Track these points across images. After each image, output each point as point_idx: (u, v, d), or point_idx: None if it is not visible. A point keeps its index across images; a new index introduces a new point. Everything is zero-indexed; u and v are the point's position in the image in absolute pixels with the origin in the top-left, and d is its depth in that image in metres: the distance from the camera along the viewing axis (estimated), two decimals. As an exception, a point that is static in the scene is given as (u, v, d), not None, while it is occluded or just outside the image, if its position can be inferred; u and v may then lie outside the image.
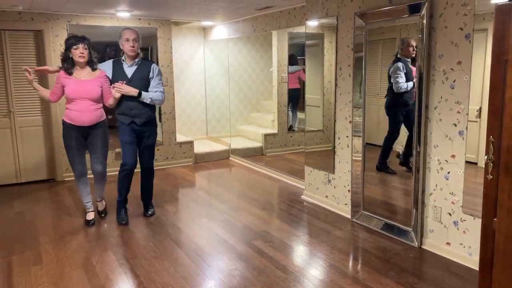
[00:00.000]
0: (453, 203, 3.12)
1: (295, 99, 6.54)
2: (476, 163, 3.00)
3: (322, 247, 3.39)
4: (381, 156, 3.70)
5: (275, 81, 6.71)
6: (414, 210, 3.36)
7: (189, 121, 7.24)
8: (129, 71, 3.80)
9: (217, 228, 3.82)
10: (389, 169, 3.67)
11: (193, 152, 6.41)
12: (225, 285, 2.83)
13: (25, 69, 3.69)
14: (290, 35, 6.43)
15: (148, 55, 6.19)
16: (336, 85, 4.11)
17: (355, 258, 3.22)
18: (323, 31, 4.40)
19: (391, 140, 3.64)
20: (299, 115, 6.59)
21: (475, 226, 2.97)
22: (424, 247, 3.35)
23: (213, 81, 7.26)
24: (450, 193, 3.14)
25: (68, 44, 3.62)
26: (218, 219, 4.03)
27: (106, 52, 5.66)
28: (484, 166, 1.96)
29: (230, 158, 6.74)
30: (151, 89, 3.82)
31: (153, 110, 3.96)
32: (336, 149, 4.18)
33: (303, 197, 4.69)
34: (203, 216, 4.12)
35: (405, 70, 3.40)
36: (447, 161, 3.13)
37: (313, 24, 4.38)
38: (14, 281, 2.90)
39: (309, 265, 3.12)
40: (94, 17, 5.45)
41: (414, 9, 3.18)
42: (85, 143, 3.81)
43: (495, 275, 1.95)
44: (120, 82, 3.69)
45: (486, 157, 1.93)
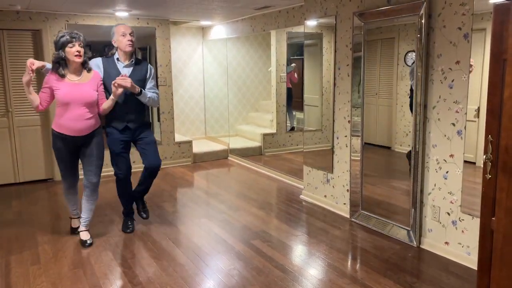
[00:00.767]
0: (451, 202, 3.13)
1: (288, 99, 6.63)
2: (474, 163, 3.00)
3: (321, 247, 3.39)
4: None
5: (274, 81, 6.71)
6: (413, 210, 3.36)
7: (187, 121, 7.24)
8: (125, 71, 3.47)
9: (215, 228, 3.81)
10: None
11: (191, 152, 6.40)
12: (224, 284, 2.83)
13: (31, 62, 3.11)
14: (288, 34, 6.43)
15: (147, 55, 6.19)
16: (334, 84, 4.11)
17: (353, 258, 3.23)
18: (321, 30, 4.40)
19: None
20: (297, 114, 6.61)
21: (473, 225, 2.97)
22: (422, 246, 3.35)
23: (211, 81, 7.26)
24: (448, 192, 3.14)
25: (62, 41, 3.15)
26: (217, 219, 4.03)
27: (105, 51, 5.64)
28: (482, 166, 1.96)
29: (228, 158, 6.74)
30: (147, 90, 3.56)
31: (147, 115, 3.71)
32: (335, 149, 4.18)
33: (301, 196, 4.69)
34: (201, 216, 4.12)
35: None
36: (445, 160, 3.14)
37: (311, 23, 4.39)
38: (12, 281, 2.89)
39: (308, 264, 3.12)
40: (92, 16, 5.44)
41: (412, 8, 3.19)
42: (76, 153, 3.39)
43: (494, 274, 1.95)
44: (122, 75, 3.31)
45: (485, 156, 1.94)
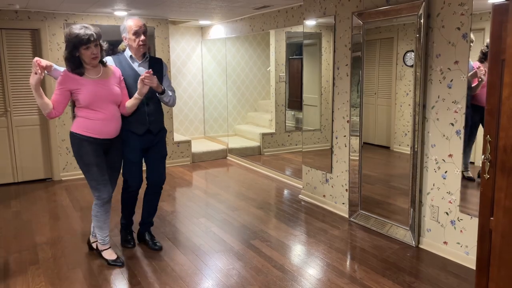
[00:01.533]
0: (450, 202, 3.13)
1: None
2: (473, 163, 3.01)
3: (320, 247, 3.39)
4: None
5: (273, 81, 6.71)
6: (412, 210, 3.36)
7: (186, 120, 7.24)
8: (141, 70, 3.11)
9: (214, 228, 3.81)
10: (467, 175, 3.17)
11: (190, 151, 6.40)
12: (223, 284, 2.83)
13: (37, 60, 2.74)
14: (287, 34, 6.44)
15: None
16: (333, 84, 4.11)
17: (352, 258, 3.23)
18: (320, 30, 4.40)
19: (468, 145, 3.10)
20: (296, 114, 6.62)
21: (472, 225, 2.97)
22: (421, 246, 3.35)
23: (210, 81, 7.25)
24: (447, 192, 3.14)
25: (74, 42, 2.77)
26: (216, 219, 4.03)
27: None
28: (481, 166, 1.97)
29: (227, 158, 6.74)
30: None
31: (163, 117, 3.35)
32: (334, 149, 4.19)
33: (300, 196, 4.69)
34: (200, 216, 4.12)
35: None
36: (444, 160, 3.14)
37: (310, 23, 4.39)
38: (11, 281, 2.89)
39: (307, 264, 3.12)
40: (91, 16, 5.43)
41: (411, 8, 3.19)
42: (105, 159, 3.01)
43: (492, 274, 1.96)
44: (147, 71, 2.94)
45: (483, 156, 1.94)
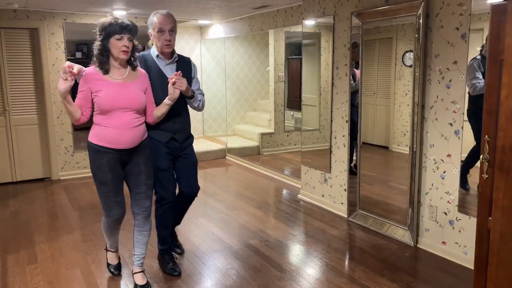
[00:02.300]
0: (448, 202, 3.13)
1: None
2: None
3: (318, 246, 3.39)
4: (462, 169, 3.08)
5: (272, 80, 6.71)
6: (410, 210, 3.37)
7: (185, 120, 7.22)
8: (168, 70, 2.83)
9: (213, 227, 3.81)
10: (466, 186, 3.08)
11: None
12: (221, 284, 2.83)
13: (69, 66, 2.38)
14: (287, 34, 6.44)
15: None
16: (332, 84, 4.11)
17: (351, 257, 3.23)
18: (320, 30, 4.40)
19: (478, 152, 2.84)
20: (295, 114, 6.62)
21: (470, 225, 2.98)
22: (419, 246, 3.36)
23: (209, 80, 7.25)
24: (445, 192, 3.15)
25: (108, 31, 2.45)
26: (215, 218, 4.03)
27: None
28: (479, 166, 1.97)
29: (226, 158, 6.74)
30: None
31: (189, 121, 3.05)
32: (333, 149, 4.19)
33: (299, 196, 4.69)
34: (199, 215, 4.12)
35: (482, 70, 2.91)
36: (443, 160, 3.14)
37: (310, 23, 4.39)
38: (9, 280, 2.89)
39: (305, 264, 3.12)
40: (90, 15, 5.43)
41: (410, 8, 3.19)
42: (123, 173, 2.65)
43: (490, 273, 1.96)
44: (176, 73, 2.67)
45: (482, 156, 1.94)
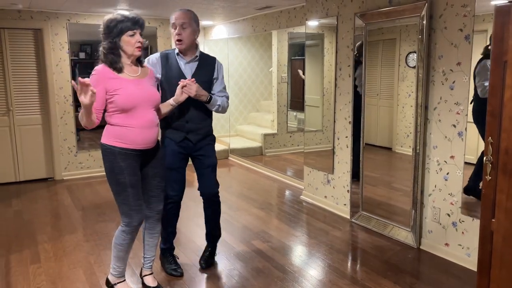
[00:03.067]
0: (452, 204, 3.12)
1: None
2: (475, 164, 3.00)
3: (321, 248, 3.39)
4: (473, 176, 2.94)
5: (275, 81, 6.71)
6: (413, 211, 3.36)
7: (188, 120, 7.23)
8: (187, 69, 2.79)
9: (215, 228, 3.81)
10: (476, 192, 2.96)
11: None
12: (224, 285, 2.83)
13: (83, 82, 2.09)
14: (290, 35, 6.44)
15: (148, 55, 6.19)
16: (335, 85, 4.11)
17: (353, 259, 3.22)
18: (323, 31, 4.40)
19: None
20: (298, 115, 6.62)
21: (473, 227, 2.97)
22: (422, 247, 3.35)
23: (212, 81, 7.25)
24: (449, 194, 3.14)
25: (121, 27, 2.34)
26: (217, 219, 4.03)
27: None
28: (483, 167, 1.96)
29: (229, 158, 6.74)
30: (214, 94, 2.85)
31: (211, 125, 2.95)
32: (336, 150, 4.18)
33: (302, 197, 4.69)
34: (201, 216, 4.10)
35: None
36: (446, 162, 3.13)
37: (313, 24, 4.38)
38: (12, 279, 2.90)
39: (308, 265, 3.12)
40: (93, 15, 5.44)
41: (414, 9, 3.19)
42: (140, 176, 2.52)
43: (493, 275, 1.95)
44: (189, 79, 2.67)
45: (485, 158, 1.93)
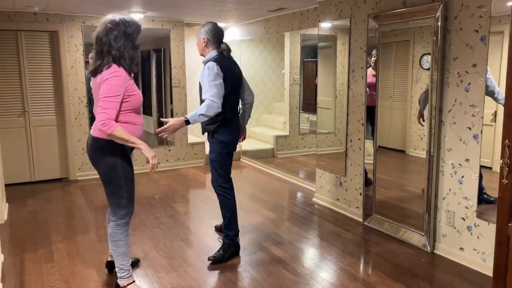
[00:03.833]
0: (466, 207, 3.07)
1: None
2: (491, 168, 2.95)
3: (333, 250, 3.36)
4: None
5: (287, 83, 6.70)
6: (427, 214, 3.31)
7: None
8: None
9: (227, 229, 3.81)
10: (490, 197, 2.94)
11: (204, 153, 6.42)
12: (235, 286, 2.82)
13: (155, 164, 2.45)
14: (302, 37, 6.43)
15: (161, 56, 6.24)
16: (348, 87, 4.08)
17: (366, 262, 3.19)
18: (336, 33, 4.38)
19: None
20: (310, 117, 6.60)
21: (489, 231, 2.91)
22: (436, 252, 3.30)
23: (225, 83, 7.26)
24: (463, 197, 3.09)
25: (138, 30, 2.51)
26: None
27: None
28: (499, 171, 1.93)
29: (241, 160, 6.75)
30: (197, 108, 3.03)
31: (213, 121, 3.14)
32: (348, 152, 4.15)
33: (314, 199, 4.66)
34: (213, 217, 4.12)
35: None
36: (461, 165, 3.09)
37: (326, 26, 4.37)
38: (26, 278, 2.94)
39: (320, 268, 3.10)
40: (108, 18, 5.50)
41: (428, 11, 3.15)
42: None
43: (510, 281, 1.91)
44: (161, 128, 2.87)
45: (502, 161, 1.90)
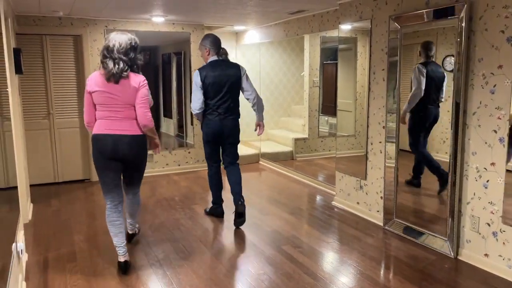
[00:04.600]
0: (492, 213, 2.99)
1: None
2: (510, 171, 2.86)
3: (353, 255, 3.32)
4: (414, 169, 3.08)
5: (306, 86, 6.67)
6: (450, 219, 3.24)
7: (220, 124, 7.28)
8: None
9: (246, 232, 3.81)
10: None
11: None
12: (254, 289, 2.82)
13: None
14: (322, 39, 6.39)
15: (182, 60, 6.29)
16: (369, 89, 4.03)
17: (386, 267, 3.14)
18: (356, 35, 4.34)
19: None
20: (330, 119, 6.55)
21: (515, 237, 2.83)
22: (460, 257, 3.22)
23: (244, 85, 7.28)
24: (489, 202, 3.01)
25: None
26: (247, 223, 4.02)
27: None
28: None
29: (260, 162, 6.74)
30: None
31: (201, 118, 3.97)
32: (369, 155, 4.10)
33: (333, 203, 4.62)
34: (232, 220, 4.13)
35: None
36: (486, 169, 3.01)
37: (346, 28, 4.33)
38: (49, 277, 3.00)
39: (339, 272, 3.06)
40: (130, 22, 5.59)
41: (452, 11, 3.09)
42: None
43: (538, 289, 1.85)
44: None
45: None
